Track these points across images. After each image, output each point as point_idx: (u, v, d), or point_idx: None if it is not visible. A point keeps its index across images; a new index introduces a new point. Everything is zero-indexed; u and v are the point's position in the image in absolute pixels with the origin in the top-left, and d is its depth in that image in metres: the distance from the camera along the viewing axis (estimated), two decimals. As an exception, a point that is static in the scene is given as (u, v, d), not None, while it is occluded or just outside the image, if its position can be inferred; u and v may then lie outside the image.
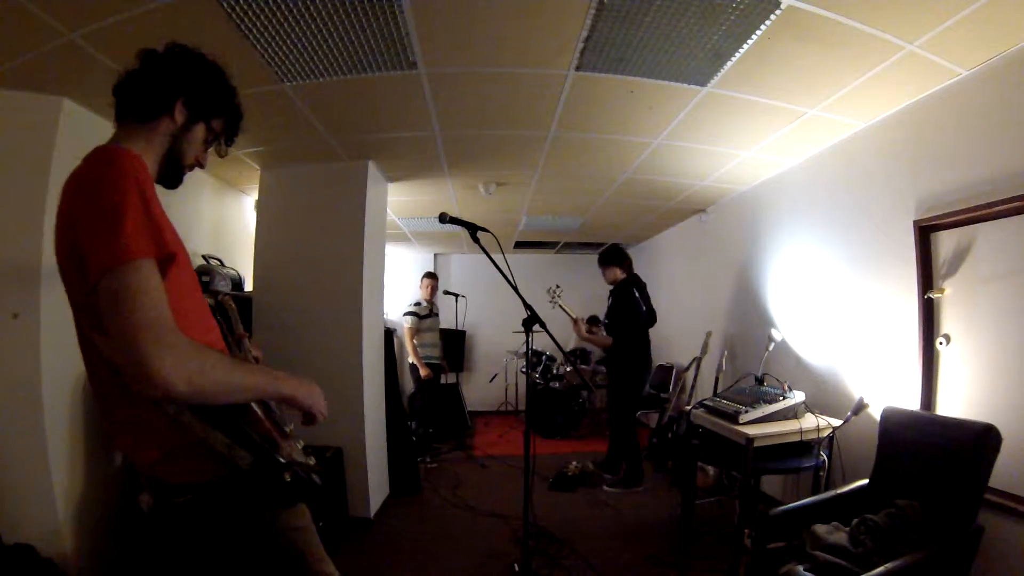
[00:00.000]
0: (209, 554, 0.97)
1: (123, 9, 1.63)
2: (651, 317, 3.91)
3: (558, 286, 3.93)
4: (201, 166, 1.15)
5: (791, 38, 1.83)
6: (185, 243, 1.09)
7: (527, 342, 2.09)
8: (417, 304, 4.90)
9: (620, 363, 3.73)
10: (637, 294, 3.74)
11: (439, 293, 5.33)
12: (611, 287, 3.91)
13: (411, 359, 4.76)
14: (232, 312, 1.63)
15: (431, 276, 5.06)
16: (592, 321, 6.31)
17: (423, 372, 4.67)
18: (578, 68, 2.08)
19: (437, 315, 5.00)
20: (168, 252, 0.88)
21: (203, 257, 3.08)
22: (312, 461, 1.10)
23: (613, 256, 3.88)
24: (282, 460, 0.97)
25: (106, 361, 0.90)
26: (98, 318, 0.83)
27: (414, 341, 4.72)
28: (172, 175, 1.12)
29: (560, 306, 3.85)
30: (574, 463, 4.04)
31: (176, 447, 0.93)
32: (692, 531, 2.85)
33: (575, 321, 3.73)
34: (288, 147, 2.95)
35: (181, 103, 1.06)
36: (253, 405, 0.98)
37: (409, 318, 4.75)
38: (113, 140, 1.06)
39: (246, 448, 0.92)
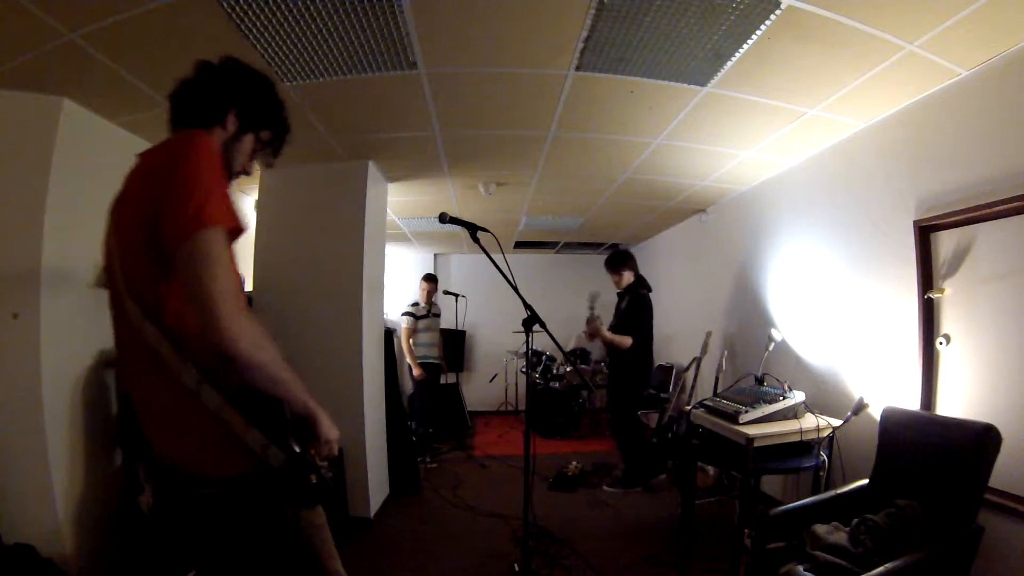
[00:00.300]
0: (231, 544, 0.99)
1: (123, 9, 1.63)
2: None
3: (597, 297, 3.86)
4: (247, 174, 1.20)
5: (791, 38, 1.82)
6: None
7: (527, 342, 2.09)
8: (415, 304, 4.92)
9: (626, 366, 3.70)
10: (647, 299, 3.71)
11: (439, 293, 5.33)
12: (620, 291, 3.88)
13: (422, 359, 4.79)
14: None
15: (429, 280, 5.03)
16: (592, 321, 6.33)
17: (416, 372, 4.71)
18: (578, 68, 2.08)
19: (437, 315, 5.00)
20: (238, 225, 0.95)
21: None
22: (326, 465, 1.12)
23: (624, 259, 3.85)
24: (310, 462, 1.00)
25: (150, 350, 0.93)
26: (163, 281, 0.91)
27: (410, 341, 4.75)
28: None
29: (592, 309, 3.82)
30: (574, 463, 4.04)
31: (212, 441, 0.95)
32: (692, 531, 2.85)
33: (594, 319, 3.69)
34: (288, 147, 2.94)
35: (233, 114, 1.12)
36: (285, 411, 1.01)
37: (405, 318, 4.79)
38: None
39: (280, 447, 0.95)
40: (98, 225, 1.09)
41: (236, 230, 0.95)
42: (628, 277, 3.84)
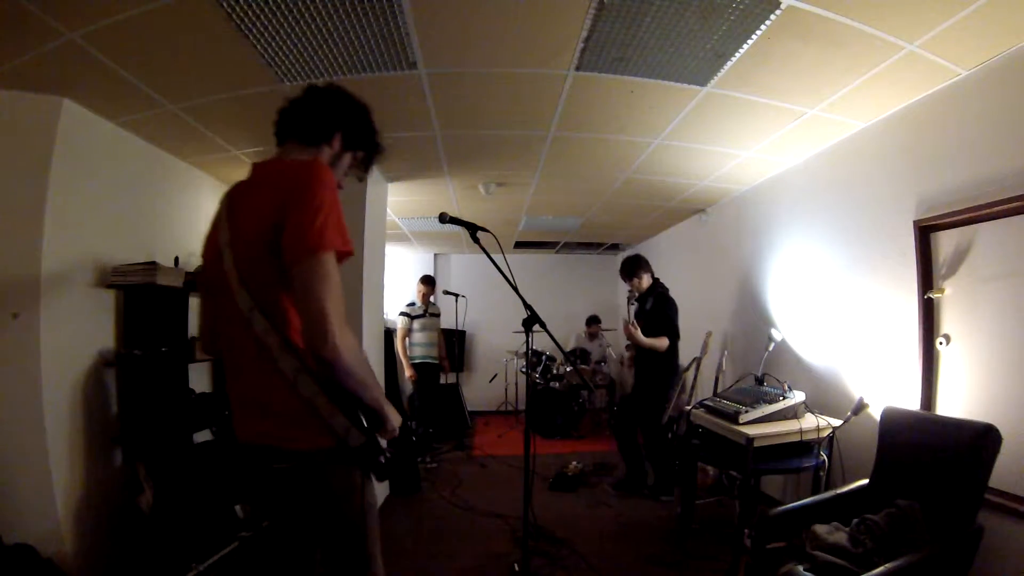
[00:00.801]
0: (306, 504, 1.14)
1: (123, 9, 1.63)
2: None
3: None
4: (340, 187, 1.29)
5: (791, 38, 1.82)
6: (185, 243, 1.16)
7: (527, 342, 2.09)
8: (411, 305, 4.90)
9: (659, 369, 3.51)
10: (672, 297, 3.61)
11: (439, 294, 5.32)
12: (639, 294, 3.73)
13: (415, 359, 4.78)
14: None
15: (426, 282, 4.95)
16: (592, 321, 6.33)
17: (407, 373, 4.71)
18: (578, 68, 2.08)
19: (436, 315, 4.96)
20: (349, 250, 1.08)
21: (203, 257, 3.08)
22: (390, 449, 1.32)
23: (639, 264, 3.70)
24: (382, 445, 1.17)
25: (257, 341, 1.07)
26: (281, 285, 1.06)
27: (404, 341, 4.75)
28: None
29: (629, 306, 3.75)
30: (574, 463, 4.04)
31: (302, 420, 1.09)
32: (692, 531, 2.85)
33: (629, 323, 3.51)
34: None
35: (339, 136, 1.28)
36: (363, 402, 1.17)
37: (401, 319, 4.80)
38: (283, 155, 1.28)
39: (360, 431, 1.11)
40: (98, 225, 1.10)
41: (347, 254, 1.08)
42: (647, 280, 3.70)
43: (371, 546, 1.24)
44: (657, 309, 3.54)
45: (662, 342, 3.44)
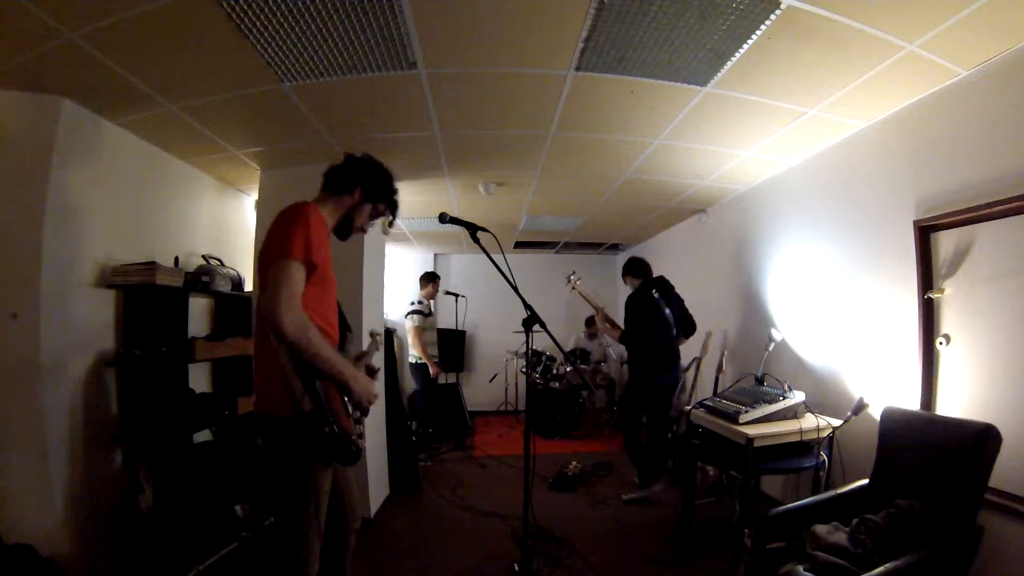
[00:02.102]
0: (266, 471, 1.47)
1: (123, 9, 1.63)
2: (686, 324, 3.76)
3: (574, 272, 4.00)
4: (363, 231, 1.75)
5: (791, 38, 1.83)
6: (185, 243, 1.22)
7: (527, 342, 2.09)
8: (420, 303, 4.84)
9: (632, 363, 3.80)
10: (656, 297, 3.65)
11: (440, 293, 5.31)
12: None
13: (414, 359, 4.66)
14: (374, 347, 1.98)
15: (434, 281, 4.96)
16: (592, 321, 6.32)
17: (433, 370, 4.61)
18: (578, 68, 2.08)
19: (432, 315, 4.98)
20: (311, 260, 1.40)
21: (203, 257, 3.08)
22: (362, 439, 1.55)
23: (626, 269, 3.90)
24: (331, 416, 1.36)
25: (262, 322, 1.40)
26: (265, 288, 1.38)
27: (422, 339, 4.63)
28: (344, 231, 1.70)
29: (580, 293, 3.90)
30: (574, 463, 4.04)
31: (277, 383, 1.39)
32: (692, 531, 2.85)
33: (597, 311, 3.93)
34: (288, 147, 2.95)
35: (359, 189, 1.67)
36: (331, 383, 1.42)
37: (416, 317, 4.65)
38: (317, 200, 1.64)
39: (311, 398, 1.35)
40: (98, 225, 1.11)
41: (309, 263, 1.39)
42: (632, 283, 3.84)
43: (306, 526, 1.40)
44: (626, 302, 3.83)
45: (614, 332, 3.86)
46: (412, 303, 4.83)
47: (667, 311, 3.63)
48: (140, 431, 2.44)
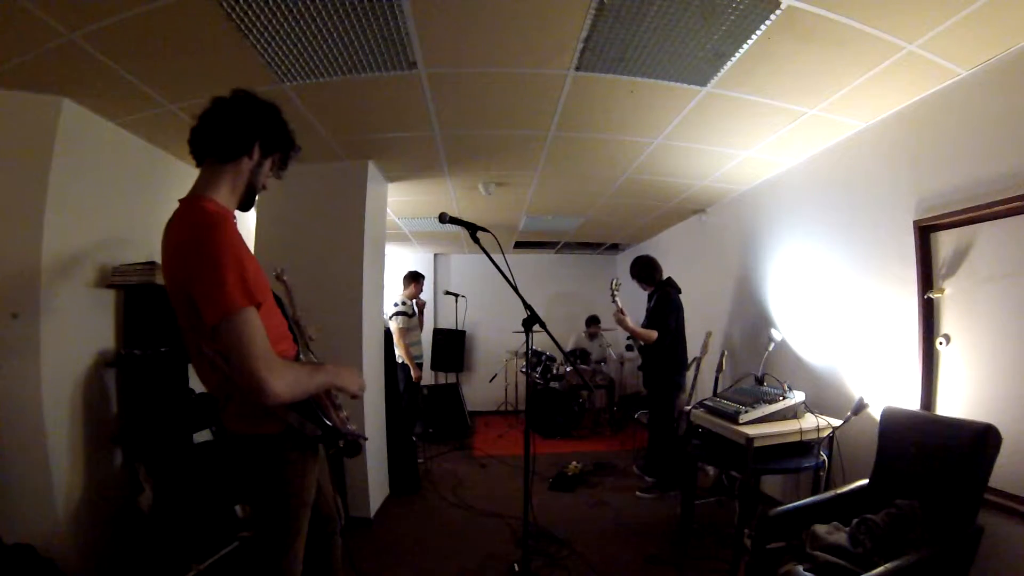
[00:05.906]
0: (250, 479, 1.33)
1: (123, 9, 1.63)
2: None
3: (617, 279, 3.82)
4: (264, 189, 1.41)
5: (791, 38, 1.82)
6: None
7: (527, 342, 2.09)
8: (404, 303, 4.69)
9: (657, 361, 3.69)
10: (674, 297, 3.70)
11: (439, 293, 5.27)
12: (649, 292, 3.89)
13: (401, 359, 4.52)
14: (286, 296, 1.86)
15: (417, 280, 4.83)
16: (592, 322, 6.33)
17: (415, 373, 4.56)
18: (578, 68, 2.08)
19: (416, 315, 4.85)
20: (256, 299, 1.14)
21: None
22: (354, 427, 1.49)
23: (634, 269, 3.88)
24: (331, 426, 1.34)
25: (210, 362, 1.20)
26: (206, 339, 1.17)
27: (405, 341, 4.56)
28: (249, 202, 1.38)
29: (615, 300, 3.78)
30: (574, 463, 4.04)
31: (250, 415, 1.27)
32: (692, 531, 2.85)
33: (623, 315, 3.70)
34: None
35: (258, 145, 1.29)
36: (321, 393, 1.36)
37: (400, 318, 4.55)
38: (202, 183, 1.28)
39: (315, 423, 1.31)
40: (98, 225, 1.12)
41: (255, 302, 1.14)
42: (646, 285, 3.85)
43: (290, 539, 1.32)
44: (655, 306, 3.72)
45: (651, 334, 3.62)
46: (396, 304, 4.66)
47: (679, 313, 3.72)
48: (140, 431, 2.44)
